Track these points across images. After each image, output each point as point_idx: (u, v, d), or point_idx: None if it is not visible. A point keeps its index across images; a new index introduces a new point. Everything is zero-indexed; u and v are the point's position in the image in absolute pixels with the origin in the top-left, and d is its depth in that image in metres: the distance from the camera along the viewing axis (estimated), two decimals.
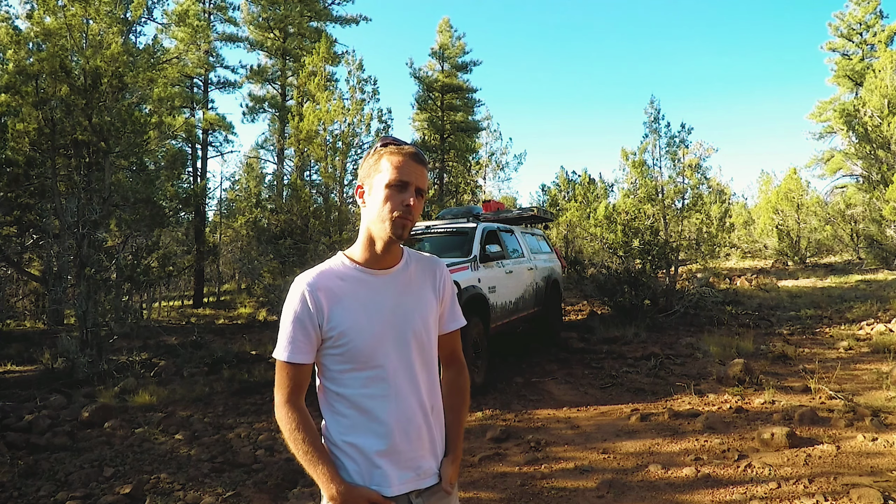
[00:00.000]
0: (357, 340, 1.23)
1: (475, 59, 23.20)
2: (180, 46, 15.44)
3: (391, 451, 1.25)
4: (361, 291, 1.27)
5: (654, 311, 9.34)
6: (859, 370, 5.69)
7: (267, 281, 10.57)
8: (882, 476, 3.21)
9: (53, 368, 6.96)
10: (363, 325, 1.24)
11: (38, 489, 3.54)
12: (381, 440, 1.24)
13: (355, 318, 1.24)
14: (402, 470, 1.26)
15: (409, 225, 1.25)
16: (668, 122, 12.05)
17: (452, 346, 1.46)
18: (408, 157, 1.26)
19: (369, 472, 1.24)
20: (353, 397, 1.25)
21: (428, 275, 1.37)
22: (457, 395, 1.44)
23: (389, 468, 1.24)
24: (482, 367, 5.62)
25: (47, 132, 9.15)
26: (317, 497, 1.22)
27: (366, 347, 1.24)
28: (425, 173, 1.28)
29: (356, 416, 1.25)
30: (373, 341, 1.24)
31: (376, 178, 1.27)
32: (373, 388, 1.25)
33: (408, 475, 1.27)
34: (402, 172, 1.24)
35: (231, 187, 24.43)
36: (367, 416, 1.25)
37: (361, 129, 10.85)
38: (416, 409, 1.28)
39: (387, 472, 1.24)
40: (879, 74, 16.49)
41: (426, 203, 2.25)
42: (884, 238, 16.22)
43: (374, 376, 1.25)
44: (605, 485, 3.30)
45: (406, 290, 1.31)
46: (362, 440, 1.24)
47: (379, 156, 1.28)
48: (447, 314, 1.42)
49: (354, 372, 1.25)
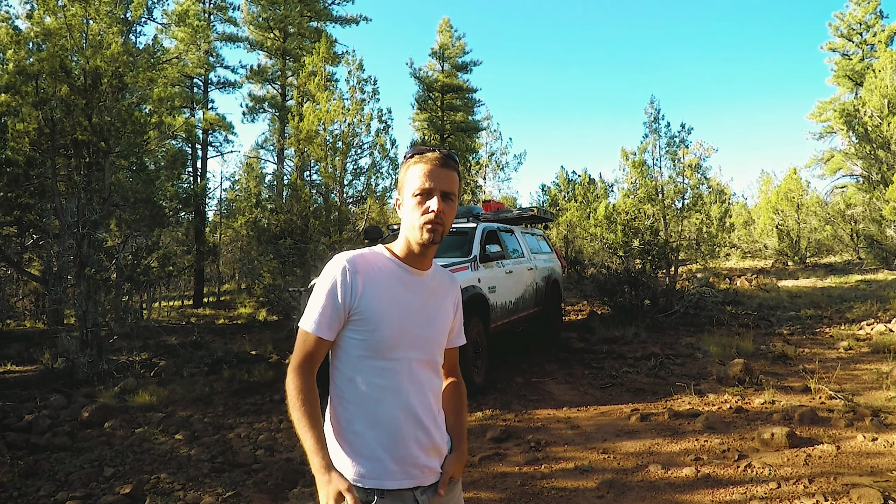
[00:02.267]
0: (382, 330, 1.27)
1: (475, 59, 23.25)
2: (180, 46, 15.43)
3: (395, 444, 1.26)
4: (395, 285, 1.32)
5: (654, 311, 9.34)
6: (859, 370, 5.69)
7: (267, 281, 10.57)
8: (882, 476, 3.21)
9: (53, 368, 6.96)
10: (391, 315, 1.28)
11: (38, 489, 3.54)
12: (386, 432, 1.26)
13: (385, 307, 1.28)
14: (405, 465, 1.27)
15: (439, 229, 1.29)
16: (668, 122, 12.03)
17: (454, 360, 1.55)
18: (431, 163, 1.30)
19: (371, 463, 1.26)
20: (365, 385, 1.28)
21: (449, 289, 1.46)
22: (458, 399, 1.52)
23: (392, 462, 1.26)
24: (482, 367, 5.61)
25: (47, 132, 9.14)
26: (317, 497, 1.22)
27: (388, 338, 1.27)
28: (452, 175, 1.32)
29: (366, 406, 1.27)
30: (396, 334, 1.28)
31: (404, 189, 1.33)
32: (386, 379, 1.28)
33: (413, 471, 1.28)
34: (424, 180, 1.29)
35: (231, 187, 24.42)
36: (375, 407, 1.27)
37: (361, 129, 10.84)
38: (423, 407, 1.31)
39: (389, 466, 1.26)
40: (879, 74, 16.49)
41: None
42: (884, 238, 16.22)
43: (389, 368, 1.28)
44: (605, 485, 3.31)
45: (432, 295, 1.38)
46: (367, 430, 1.26)
47: (406, 167, 1.33)
48: (457, 331, 1.51)
49: (371, 360, 1.28)
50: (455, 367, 1.55)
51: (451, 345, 1.49)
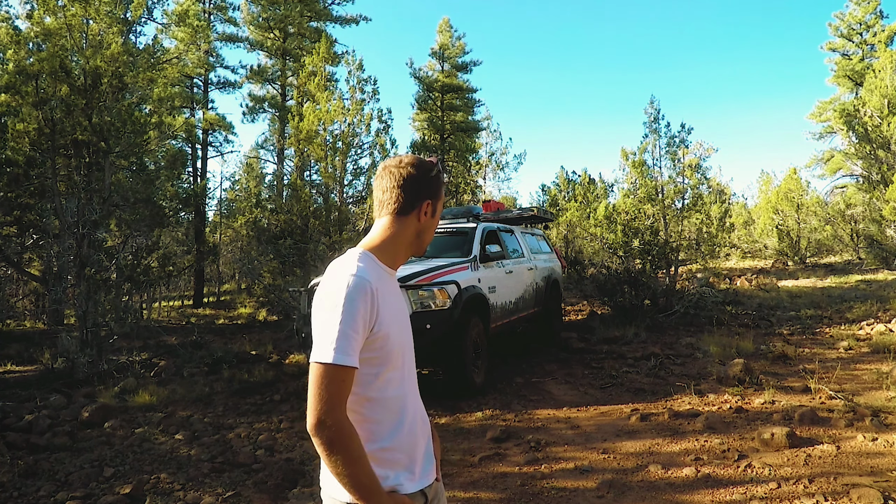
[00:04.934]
0: (392, 341, 1.21)
1: (475, 59, 23.23)
2: (180, 46, 15.44)
3: (415, 449, 1.27)
4: (391, 293, 1.27)
5: (654, 311, 9.34)
6: (859, 370, 5.69)
7: (267, 281, 10.58)
8: (882, 476, 3.21)
9: (53, 368, 6.96)
10: (396, 327, 1.24)
11: (38, 489, 3.54)
12: (409, 439, 1.25)
13: (390, 319, 1.22)
14: (424, 465, 1.29)
15: None
16: (668, 122, 12.06)
17: None
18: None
19: (400, 473, 1.22)
20: (383, 400, 1.22)
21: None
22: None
23: (415, 466, 1.26)
24: (482, 367, 5.62)
25: (47, 132, 9.14)
26: (317, 497, 1.22)
27: (397, 348, 1.24)
28: None
29: (389, 418, 1.22)
30: (401, 342, 1.26)
31: (439, 202, 1.33)
32: (397, 389, 1.25)
33: (428, 468, 1.31)
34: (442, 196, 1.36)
35: (231, 187, 24.45)
36: (398, 417, 1.24)
37: (361, 129, 10.84)
38: (422, 406, 1.35)
39: (414, 471, 1.25)
40: (879, 74, 16.49)
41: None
42: (884, 238, 16.22)
43: (399, 377, 1.25)
44: (605, 485, 3.30)
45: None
46: (392, 442, 1.22)
47: (437, 179, 1.31)
48: None
49: (387, 373, 1.22)
50: None
51: None
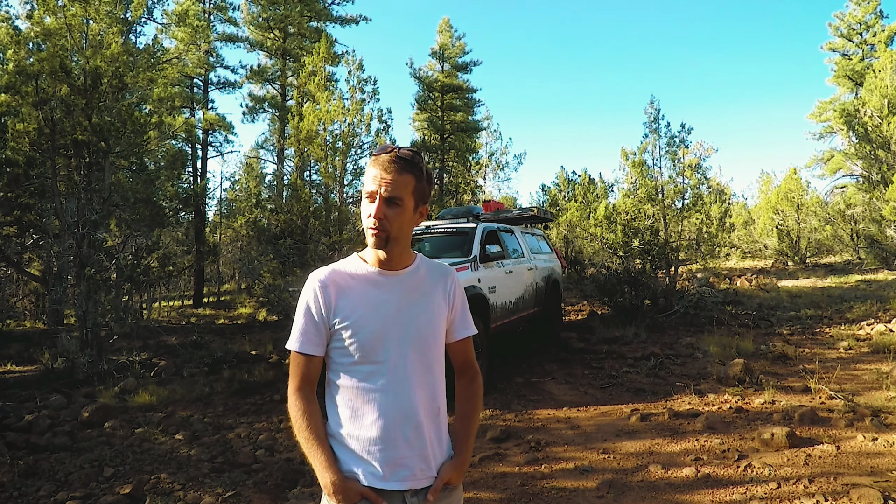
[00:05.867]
0: (361, 333, 1.27)
1: (475, 60, 23.19)
2: (180, 46, 15.43)
3: (386, 445, 1.26)
4: (370, 289, 1.32)
5: (654, 311, 9.34)
6: (859, 370, 5.69)
7: (267, 281, 10.56)
8: (882, 476, 3.21)
9: (53, 368, 6.96)
10: (368, 318, 1.28)
11: (38, 489, 3.54)
12: (376, 433, 1.26)
13: (361, 312, 1.29)
14: (396, 467, 1.26)
15: (380, 234, 1.25)
16: (668, 122, 12.05)
17: (465, 353, 1.47)
18: (381, 164, 1.25)
19: (362, 464, 1.26)
20: (354, 390, 1.29)
21: (439, 281, 1.40)
22: (468, 402, 1.46)
23: (382, 463, 1.26)
24: (482, 367, 5.60)
25: (47, 132, 9.13)
26: (317, 497, 1.23)
27: (368, 341, 1.27)
28: (401, 179, 1.24)
29: (355, 409, 1.28)
30: (376, 336, 1.28)
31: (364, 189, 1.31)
32: (372, 381, 1.27)
33: (402, 472, 1.27)
34: (370, 183, 1.25)
35: (231, 187, 24.46)
36: (365, 409, 1.27)
37: (361, 129, 10.84)
38: (414, 407, 1.28)
39: (378, 467, 1.25)
40: (879, 74, 16.49)
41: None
42: (884, 238, 16.22)
43: (375, 371, 1.28)
44: (605, 485, 3.30)
45: (414, 292, 1.34)
46: (358, 432, 1.27)
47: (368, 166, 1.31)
48: (458, 322, 1.43)
49: (357, 365, 1.28)
50: (467, 360, 1.47)
51: (456, 338, 1.43)
